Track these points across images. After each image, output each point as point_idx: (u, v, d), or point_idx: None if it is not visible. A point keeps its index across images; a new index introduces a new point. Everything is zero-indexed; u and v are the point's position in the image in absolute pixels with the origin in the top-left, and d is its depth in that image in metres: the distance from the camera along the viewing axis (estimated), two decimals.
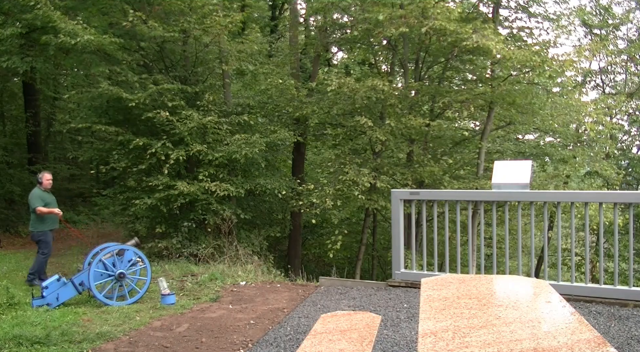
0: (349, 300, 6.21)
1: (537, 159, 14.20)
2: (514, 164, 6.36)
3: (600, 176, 14.47)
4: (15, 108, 18.66)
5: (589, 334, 2.05)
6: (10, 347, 4.69)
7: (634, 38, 17.63)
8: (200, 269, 8.35)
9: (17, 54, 11.83)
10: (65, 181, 18.62)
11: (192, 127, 9.43)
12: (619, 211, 6.00)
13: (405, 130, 10.73)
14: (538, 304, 2.69)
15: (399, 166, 11.12)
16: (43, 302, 6.14)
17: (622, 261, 12.91)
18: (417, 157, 11.05)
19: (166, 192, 9.16)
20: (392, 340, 4.75)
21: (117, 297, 6.46)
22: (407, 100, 10.97)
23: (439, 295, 2.82)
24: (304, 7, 14.20)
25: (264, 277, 8.10)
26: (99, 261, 6.39)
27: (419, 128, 10.43)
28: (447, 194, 7.19)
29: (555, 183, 13.31)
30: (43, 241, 7.61)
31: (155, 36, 9.58)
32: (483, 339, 2.10)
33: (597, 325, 4.95)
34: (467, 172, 12.54)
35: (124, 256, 6.57)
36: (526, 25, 12.62)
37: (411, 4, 9.77)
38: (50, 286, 6.22)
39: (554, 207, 6.94)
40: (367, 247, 13.35)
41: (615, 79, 18.44)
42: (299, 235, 13.24)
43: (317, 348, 3.25)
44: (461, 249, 10.23)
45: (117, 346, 4.84)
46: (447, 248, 6.59)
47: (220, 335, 5.14)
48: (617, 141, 17.63)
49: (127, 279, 6.51)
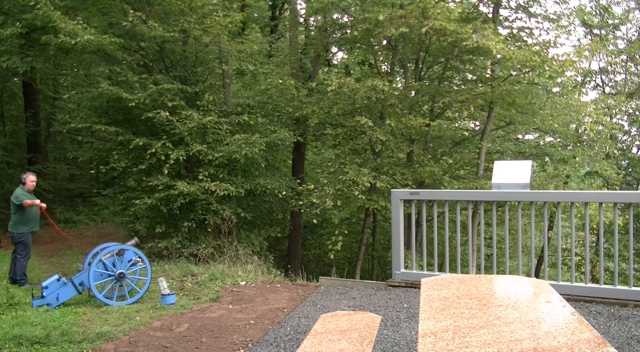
0: (349, 300, 6.21)
1: (537, 159, 14.20)
2: (514, 164, 6.36)
3: (600, 176, 14.47)
4: (15, 108, 18.67)
5: (589, 334, 2.05)
6: (10, 347, 4.69)
7: (633, 38, 17.63)
8: (200, 269, 8.35)
9: (17, 54, 11.84)
10: (65, 181, 18.63)
11: (192, 127, 9.43)
12: (619, 210, 6.00)
13: (405, 130, 10.73)
14: (538, 304, 2.69)
15: (399, 166, 11.12)
16: (43, 302, 6.14)
17: (622, 261, 12.91)
18: (417, 157, 11.05)
19: (166, 192, 9.16)
20: (392, 340, 4.75)
21: (117, 297, 6.46)
22: (407, 101, 10.97)
23: (439, 295, 2.82)
24: (304, 7, 14.21)
25: (264, 277, 8.10)
26: (99, 261, 6.40)
27: (419, 128, 10.43)
28: (447, 194, 7.19)
29: (555, 183, 13.31)
30: (23, 242, 7.57)
31: (155, 36, 9.57)
32: (483, 339, 2.10)
33: (597, 325, 4.95)
34: (467, 172, 12.53)
35: (124, 256, 6.57)
36: (526, 25, 12.63)
37: (411, 4, 9.77)
38: (50, 286, 6.23)
39: (554, 207, 6.94)
40: (367, 247, 13.35)
41: (615, 79, 18.45)
42: (299, 235, 13.24)
43: (317, 348, 3.25)
44: (461, 249, 10.24)
45: (117, 346, 4.84)
46: (447, 248, 6.59)
47: (220, 335, 5.14)
48: (617, 141, 17.62)
49: (127, 279, 6.51)
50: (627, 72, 17.90)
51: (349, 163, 10.50)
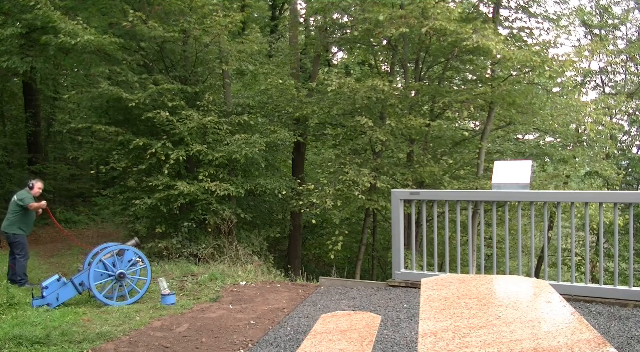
0: (349, 300, 6.21)
1: (537, 159, 14.19)
2: (514, 164, 6.36)
3: (600, 176, 14.46)
4: (15, 108, 18.68)
5: (589, 334, 2.05)
6: (10, 347, 4.69)
7: (633, 38, 17.63)
8: (200, 269, 8.35)
9: (17, 54, 11.84)
10: (65, 181, 18.63)
11: (192, 127, 9.43)
12: (619, 211, 6.00)
13: (405, 130, 10.74)
14: (538, 304, 2.69)
15: (399, 166, 11.12)
16: (43, 302, 6.14)
17: (622, 261, 12.91)
18: (417, 157, 11.05)
19: (166, 192, 9.16)
20: (392, 340, 4.75)
21: (117, 297, 6.46)
22: (407, 101, 10.98)
23: (439, 295, 2.82)
24: (304, 7, 14.22)
25: (264, 277, 8.10)
26: (99, 260, 6.40)
27: (419, 128, 10.43)
28: (447, 194, 7.19)
29: (555, 183, 13.30)
30: (20, 242, 7.58)
31: (155, 36, 9.58)
32: (483, 339, 2.10)
33: (597, 325, 4.95)
34: (467, 172, 12.52)
35: (124, 256, 6.57)
36: (526, 25, 12.63)
37: (411, 4, 9.77)
38: (50, 286, 6.22)
39: (554, 207, 6.94)
40: (367, 247, 13.35)
41: (615, 79, 18.44)
42: (299, 235, 13.25)
43: (317, 348, 3.25)
44: (461, 249, 10.23)
45: (117, 346, 4.84)
46: (447, 248, 6.59)
47: (220, 335, 5.14)
48: (617, 141, 17.61)
49: (127, 279, 6.51)
50: (627, 72, 17.89)
51: (349, 163, 10.50)
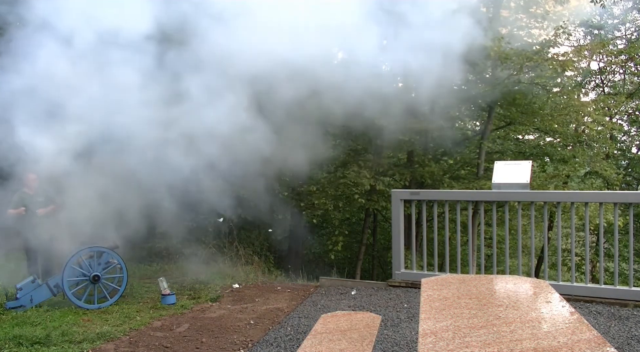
0: (349, 300, 6.21)
1: (537, 159, 14.19)
2: (514, 164, 6.37)
3: (600, 176, 14.45)
4: None
5: (589, 334, 2.05)
6: (10, 347, 4.69)
7: (633, 38, 17.61)
8: (200, 269, 8.35)
9: None
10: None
11: None
12: (619, 211, 6.01)
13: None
14: (538, 304, 2.70)
15: (399, 166, 11.12)
16: (16, 304, 5.99)
17: (622, 261, 12.88)
18: (417, 157, 11.05)
19: None
20: (392, 340, 4.75)
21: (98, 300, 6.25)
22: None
23: (439, 295, 2.82)
24: None
25: (264, 277, 8.10)
26: (74, 262, 6.24)
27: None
28: (447, 194, 7.19)
29: (555, 183, 13.30)
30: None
31: None
32: (483, 339, 2.10)
33: (597, 325, 4.95)
34: (467, 172, 12.53)
35: (102, 258, 6.43)
36: (526, 25, 12.62)
37: None
38: (25, 287, 6.09)
39: (554, 207, 6.94)
40: (367, 247, 13.35)
41: (615, 79, 18.41)
42: (299, 235, 13.24)
43: (318, 348, 3.25)
44: (461, 249, 10.23)
45: (117, 346, 4.84)
46: (447, 248, 6.59)
47: (220, 335, 5.14)
48: (617, 141, 17.60)
49: (103, 282, 6.35)
50: (627, 72, 17.87)
51: (349, 164, 10.50)
